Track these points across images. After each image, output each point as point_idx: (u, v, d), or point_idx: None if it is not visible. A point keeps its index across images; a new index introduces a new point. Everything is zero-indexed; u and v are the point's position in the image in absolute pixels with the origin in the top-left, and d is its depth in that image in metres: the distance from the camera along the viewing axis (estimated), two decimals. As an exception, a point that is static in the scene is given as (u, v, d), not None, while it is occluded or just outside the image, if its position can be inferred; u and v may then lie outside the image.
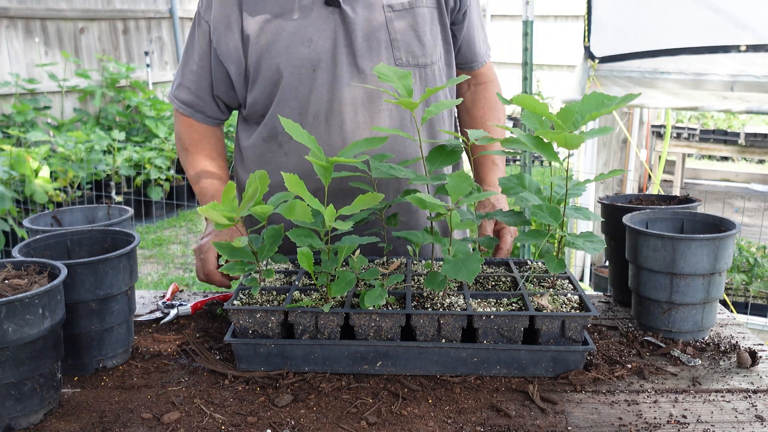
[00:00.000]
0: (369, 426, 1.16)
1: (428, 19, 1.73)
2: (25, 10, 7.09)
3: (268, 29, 1.68)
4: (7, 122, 6.57)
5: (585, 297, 1.39)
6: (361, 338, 1.34)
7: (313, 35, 1.67)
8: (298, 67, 1.67)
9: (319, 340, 1.34)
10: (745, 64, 3.55)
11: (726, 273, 1.50)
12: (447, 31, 1.78)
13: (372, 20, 1.68)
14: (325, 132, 1.69)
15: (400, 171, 1.44)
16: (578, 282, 1.46)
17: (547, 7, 10.27)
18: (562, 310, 1.35)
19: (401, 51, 1.70)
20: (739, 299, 4.18)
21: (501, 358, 1.34)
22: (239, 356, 1.36)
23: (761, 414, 1.21)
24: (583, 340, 1.34)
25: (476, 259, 1.29)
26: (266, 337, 1.35)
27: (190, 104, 1.81)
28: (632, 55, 3.84)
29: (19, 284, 1.19)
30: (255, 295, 1.43)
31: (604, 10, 3.91)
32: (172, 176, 6.80)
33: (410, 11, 1.70)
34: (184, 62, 1.82)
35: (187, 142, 1.85)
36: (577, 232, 1.51)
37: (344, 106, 1.67)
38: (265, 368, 1.36)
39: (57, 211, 1.69)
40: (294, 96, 1.69)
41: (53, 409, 1.23)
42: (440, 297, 1.40)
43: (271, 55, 1.68)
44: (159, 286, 5.07)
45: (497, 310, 1.35)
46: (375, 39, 1.68)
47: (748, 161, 9.90)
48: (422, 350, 1.33)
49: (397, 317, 1.32)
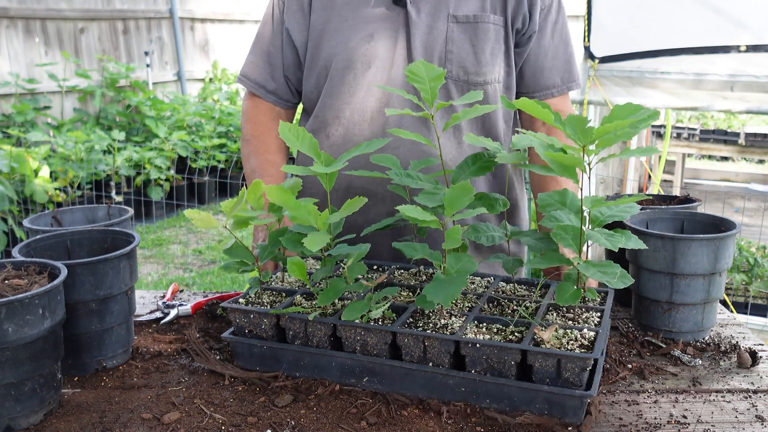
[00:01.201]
0: (369, 426, 1.16)
1: (492, 37, 1.66)
2: (25, 10, 7.09)
3: (333, 17, 1.68)
4: (7, 122, 6.57)
5: (601, 336, 1.22)
6: (348, 350, 1.29)
7: (375, 31, 1.65)
8: (354, 61, 1.65)
9: (308, 347, 1.31)
10: (745, 64, 3.55)
11: (726, 273, 1.50)
12: (510, 52, 1.70)
13: (433, 28, 1.64)
14: (367, 128, 1.67)
15: (415, 180, 1.38)
16: (608, 314, 1.31)
17: (547, 7, 10.25)
18: (567, 347, 1.18)
19: (453, 64, 1.65)
20: (739, 299, 4.18)
21: (490, 391, 1.20)
22: (236, 353, 1.37)
23: (761, 414, 1.21)
24: (584, 384, 1.16)
25: (458, 283, 1.20)
26: (260, 338, 1.35)
27: (261, 84, 1.79)
28: (632, 55, 3.84)
29: (19, 284, 1.19)
30: (262, 296, 1.42)
31: (604, 10, 3.91)
32: (172, 176, 6.81)
33: (473, 25, 1.64)
34: (256, 42, 1.80)
35: (249, 134, 1.80)
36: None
37: (392, 108, 1.60)
38: (261, 368, 1.35)
39: (57, 211, 1.69)
40: (345, 89, 1.67)
41: (53, 410, 1.23)
42: (438, 316, 1.29)
43: (330, 44, 1.67)
44: (159, 286, 5.07)
45: (491, 338, 1.21)
46: (431, 48, 1.64)
47: (748, 161, 9.91)
48: (407, 371, 1.25)
49: (382, 334, 1.25)
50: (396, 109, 1.53)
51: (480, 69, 1.66)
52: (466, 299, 1.40)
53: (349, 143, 1.69)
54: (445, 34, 1.64)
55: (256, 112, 1.81)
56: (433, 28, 1.64)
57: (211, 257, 5.89)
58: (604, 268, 1.25)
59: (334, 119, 1.71)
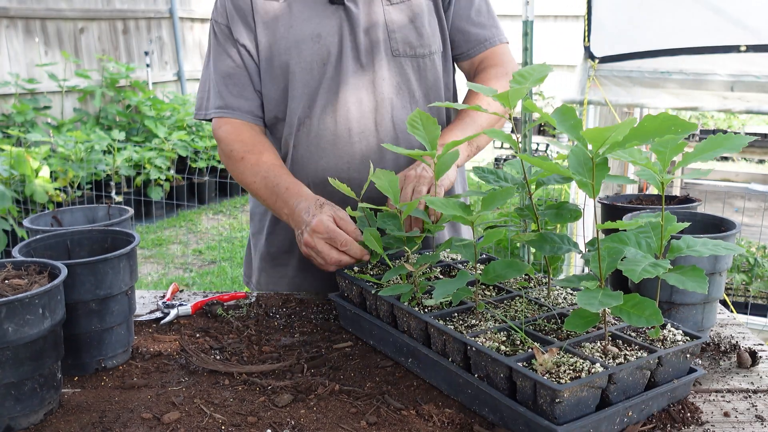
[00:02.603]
0: (369, 426, 1.16)
1: (425, 11, 1.79)
2: (25, 10, 7.09)
3: (277, 27, 1.75)
4: (7, 122, 6.58)
5: (612, 370, 1.08)
6: (401, 330, 1.37)
7: (321, 31, 1.74)
8: (309, 62, 1.74)
9: (377, 319, 1.42)
10: (745, 64, 3.55)
11: (726, 273, 1.50)
12: (443, 23, 1.84)
13: (371, 14, 1.75)
14: (331, 122, 1.76)
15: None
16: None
17: (547, 7, 10.28)
18: (560, 372, 1.09)
19: (398, 43, 1.77)
20: (739, 299, 4.18)
21: (486, 401, 1.17)
22: (339, 314, 1.57)
23: (761, 414, 1.21)
24: (557, 417, 1.04)
25: (450, 283, 1.29)
26: (350, 302, 1.50)
27: (236, 108, 1.79)
28: (632, 55, 3.84)
29: (19, 284, 1.19)
30: (372, 263, 1.56)
31: (604, 10, 3.91)
32: (172, 176, 6.81)
33: (407, 3, 1.77)
34: (210, 75, 1.82)
35: (241, 152, 1.75)
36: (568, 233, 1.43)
37: (349, 98, 1.74)
38: (353, 330, 1.52)
39: (57, 211, 1.69)
40: (305, 91, 1.76)
41: (53, 409, 1.23)
42: (478, 314, 1.32)
43: (281, 52, 1.75)
44: (159, 286, 5.07)
45: (490, 344, 1.19)
46: (374, 32, 1.75)
47: (748, 161, 9.90)
48: (434, 362, 1.28)
49: (418, 320, 1.30)
50: (360, 100, 1.75)
51: (423, 41, 1.78)
52: (527, 308, 1.37)
53: (319, 139, 1.77)
54: (383, 17, 1.76)
55: (237, 133, 1.79)
56: (371, 15, 1.76)
57: (211, 257, 5.89)
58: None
59: (305, 119, 1.78)
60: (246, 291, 1.82)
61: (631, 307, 1.13)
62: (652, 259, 1.13)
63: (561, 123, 1.16)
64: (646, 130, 1.05)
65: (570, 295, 1.44)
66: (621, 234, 1.18)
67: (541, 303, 1.38)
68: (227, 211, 7.33)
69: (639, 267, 1.09)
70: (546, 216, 1.31)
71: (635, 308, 1.12)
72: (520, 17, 3.88)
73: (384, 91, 1.76)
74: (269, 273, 1.95)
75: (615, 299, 1.09)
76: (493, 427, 1.15)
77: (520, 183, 1.35)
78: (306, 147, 1.79)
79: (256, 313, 1.65)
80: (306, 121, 1.78)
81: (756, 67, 3.54)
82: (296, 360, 1.40)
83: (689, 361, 1.20)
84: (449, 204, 1.30)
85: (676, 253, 1.20)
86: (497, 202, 1.29)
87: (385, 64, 1.76)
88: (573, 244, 1.27)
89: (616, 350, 1.16)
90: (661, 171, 1.14)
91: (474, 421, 1.17)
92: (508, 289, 1.45)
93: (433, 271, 1.55)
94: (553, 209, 1.32)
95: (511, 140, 1.30)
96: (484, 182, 1.40)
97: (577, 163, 1.14)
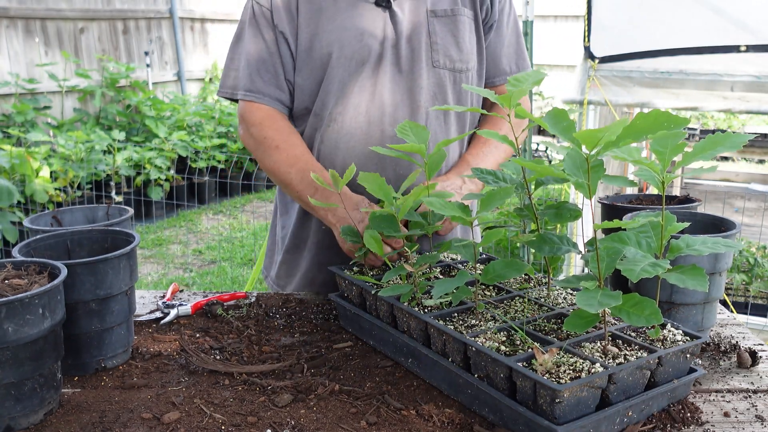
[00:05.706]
0: (369, 426, 1.16)
1: (467, 28, 1.81)
2: (25, 10, 7.09)
3: (321, 19, 1.75)
4: (7, 122, 6.57)
5: (612, 370, 1.08)
6: (401, 330, 1.37)
7: (365, 29, 1.75)
8: (349, 59, 1.74)
9: (377, 319, 1.43)
10: (745, 64, 3.55)
11: (726, 273, 1.50)
12: (482, 42, 1.86)
13: (415, 22, 1.77)
14: (365, 122, 1.76)
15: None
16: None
17: (547, 7, 10.28)
18: (560, 372, 1.08)
19: (439, 54, 1.78)
20: (739, 299, 4.18)
21: (486, 401, 1.17)
22: (338, 314, 1.59)
23: (761, 414, 1.21)
24: (557, 417, 1.04)
25: (449, 282, 1.29)
26: (350, 302, 1.51)
27: (267, 94, 1.78)
28: (632, 55, 3.84)
29: (19, 284, 1.19)
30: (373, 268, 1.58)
31: (604, 10, 3.91)
32: (172, 176, 6.81)
33: (451, 18, 1.79)
34: (243, 55, 1.79)
35: (276, 140, 1.76)
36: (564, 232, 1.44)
37: (386, 101, 1.74)
38: (352, 330, 1.53)
39: (57, 211, 1.69)
40: (340, 86, 1.76)
41: (53, 409, 1.23)
42: (478, 314, 1.32)
43: (323, 44, 1.75)
44: (159, 286, 5.07)
45: (490, 344, 1.18)
46: (417, 41, 1.76)
47: (748, 161, 9.90)
48: (434, 362, 1.28)
49: (418, 321, 1.31)
50: (396, 105, 1.74)
51: (463, 57, 1.81)
52: (527, 308, 1.37)
53: (349, 137, 1.77)
54: (427, 28, 1.77)
55: (273, 120, 1.79)
56: (415, 23, 1.77)
57: (211, 257, 5.89)
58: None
59: (337, 115, 1.77)
60: (246, 291, 1.83)
61: (630, 307, 1.13)
62: (651, 259, 1.13)
63: (554, 126, 1.16)
64: (639, 127, 1.04)
65: (570, 295, 1.44)
66: (621, 234, 1.19)
67: (541, 303, 1.38)
68: (227, 211, 7.33)
69: (638, 267, 1.10)
70: (545, 216, 1.31)
71: (635, 308, 1.12)
72: (520, 17, 3.88)
73: (421, 99, 1.77)
74: (289, 264, 1.96)
75: (614, 299, 1.10)
76: (493, 427, 1.16)
77: (519, 183, 1.35)
78: (334, 143, 1.77)
79: (256, 313, 1.65)
80: (338, 117, 1.76)
81: (756, 67, 3.54)
82: (296, 360, 1.40)
83: (689, 361, 1.20)
84: (448, 205, 1.30)
85: (675, 252, 1.20)
86: (496, 202, 1.29)
87: (424, 74, 1.77)
88: (572, 244, 1.27)
89: (616, 350, 1.17)
90: (661, 171, 1.14)
91: (474, 421, 1.18)
92: (508, 289, 1.46)
93: (432, 272, 1.55)
94: (553, 209, 1.32)
95: (508, 142, 1.30)
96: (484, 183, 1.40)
97: (573, 165, 1.15)
